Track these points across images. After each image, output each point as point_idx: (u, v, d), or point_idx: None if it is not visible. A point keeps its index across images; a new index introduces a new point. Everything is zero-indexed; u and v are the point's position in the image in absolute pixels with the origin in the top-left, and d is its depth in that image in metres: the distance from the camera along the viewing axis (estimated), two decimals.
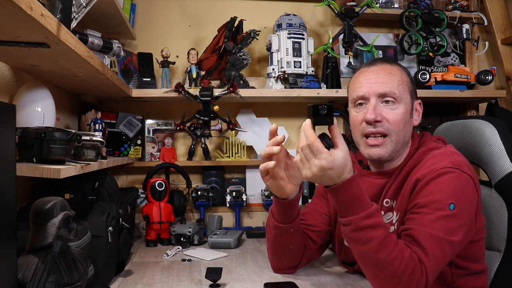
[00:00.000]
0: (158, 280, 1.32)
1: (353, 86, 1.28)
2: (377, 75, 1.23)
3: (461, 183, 1.11)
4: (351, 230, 1.03)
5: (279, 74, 2.12)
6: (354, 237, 1.04)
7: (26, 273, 0.90)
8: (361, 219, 1.01)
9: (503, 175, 1.31)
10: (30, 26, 0.89)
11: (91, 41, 1.44)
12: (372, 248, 1.01)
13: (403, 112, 1.22)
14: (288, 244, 1.31)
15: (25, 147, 1.09)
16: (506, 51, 2.32)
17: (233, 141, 2.18)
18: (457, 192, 1.09)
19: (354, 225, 1.02)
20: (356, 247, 1.05)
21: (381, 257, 1.01)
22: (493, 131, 1.35)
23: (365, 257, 1.04)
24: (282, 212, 1.26)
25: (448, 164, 1.12)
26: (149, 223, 1.79)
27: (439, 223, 1.06)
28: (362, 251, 1.04)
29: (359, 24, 2.24)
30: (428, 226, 1.06)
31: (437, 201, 1.08)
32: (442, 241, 1.04)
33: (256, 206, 2.23)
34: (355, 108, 1.26)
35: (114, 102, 2.17)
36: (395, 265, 1.00)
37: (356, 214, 1.02)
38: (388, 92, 1.21)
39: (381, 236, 1.01)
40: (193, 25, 2.29)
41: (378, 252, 1.01)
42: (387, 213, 1.24)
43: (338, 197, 1.04)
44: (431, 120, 2.26)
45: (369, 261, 1.04)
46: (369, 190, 1.28)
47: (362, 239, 1.02)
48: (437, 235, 1.04)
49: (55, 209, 0.94)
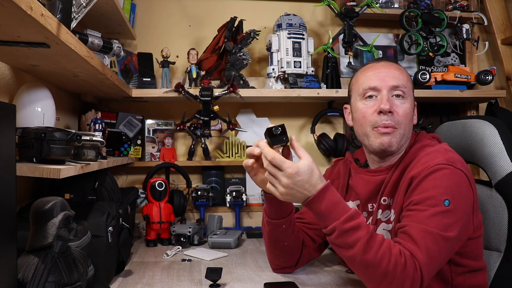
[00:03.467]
0: (158, 280, 1.32)
1: (363, 79, 1.29)
2: (388, 69, 1.27)
3: (455, 179, 1.11)
4: (336, 237, 1.04)
5: (279, 74, 2.12)
6: (340, 243, 1.05)
7: (26, 273, 0.90)
8: (342, 222, 1.03)
9: (503, 175, 1.31)
10: (30, 26, 0.89)
11: (91, 41, 1.44)
12: (359, 250, 1.02)
13: (410, 107, 1.26)
14: (283, 241, 1.31)
15: (25, 147, 1.09)
16: (506, 51, 2.32)
17: (233, 141, 2.18)
18: (452, 188, 1.09)
19: (338, 231, 1.03)
20: (344, 252, 1.06)
21: (369, 258, 1.01)
22: (493, 131, 1.35)
23: (354, 261, 1.05)
24: (272, 207, 1.27)
25: (442, 161, 1.12)
26: (149, 223, 1.79)
27: (433, 219, 1.06)
28: (351, 256, 1.04)
29: (359, 24, 2.24)
30: (423, 223, 1.06)
31: (431, 197, 1.08)
32: (437, 236, 1.05)
33: (256, 206, 2.23)
34: (363, 101, 1.27)
35: (114, 102, 2.17)
36: (384, 262, 1.01)
37: (337, 219, 1.03)
38: (400, 85, 1.24)
39: (365, 236, 1.02)
40: (193, 25, 2.29)
41: (366, 253, 1.01)
42: (385, 211, 1.24)
43: (317, 209, 1.06)
44: (431, 120, 2.26)
45: (359, 265, 1.04)
46: (366, 188, 1.30)
47: (347, 243, 1.03)
48: (431, 230, 1.05)
49: (55, 209, 0.94)
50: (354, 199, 1.35)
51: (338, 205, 1.05)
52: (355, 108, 1.30)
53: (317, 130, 2.26)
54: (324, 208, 1.05)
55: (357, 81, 1.31)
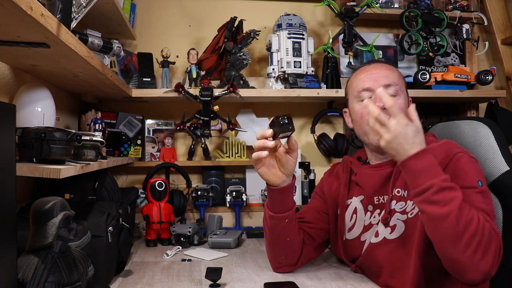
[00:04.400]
0: (158, 280, 1.32)
1: (356, 82, 1.36)
2: (379, 69, 1.34)
3: (475, 164, 1.21)
4: (433, 193, 1.05)
5: (279, 74, 2.12)
6: (436, 199, 1.05)
7: (26, 273, 0.90)
8: (442, 180, 1.06)
9: (497, 175, 1.33)
10: (30, 26, 0.89)
11: (91, 41, 1.44)
12: (454, 207, 1.03)
13: (404, 103, 1.32)
14: (285, 236, 1.32)
15: (25, 147, 1.09)
16: (506, 51, 2.32)
17: (233, 141, 2.18)
18: (479, 172, 1.20)
19: (437, 187, 1.05)
20: (438, 210, 1.04)
21: (463, 216, 1.03)
22: (487, 132, 1.38)
23: (447, 218, 1.03)
24: (275, 200, 1.29)
25: (459, 150, 1.21)
26: (149, 223, 1.79)
27: (479, 198, 1.13)
28: (446, 213, 1.03)
29: (359, 24, 2.24)
30: (474, 201, 1.11)
31: (467, 181, 1.15)
32: (489, 211, 1.12)
33: (256, 206, 2.23)
34: (359, 103, 1.33)
35: (114, 102, 2.17)
36: (475, 220, 1.04)
37: (437, 177, 1.06)
38: (391, 83, 1.31)
39: (460, 196, 1.05)
40: (193, 25, 2.29)
41: (461, 211, 1.03)
42: (399, 202, 1.26)
43: (417, 165, 1.07)
44: (431, 120, 2.26)
45: (452, 222, 1.03)
46: (372, 182, 1.32)
47: (444, 200, 1.04)
48: (484, 207, 1.11)
49: (55, 209, 0.94)
50: (358, 194, 1.36)
51: (437, 166, 1.08)
52: (352, 110, 1.36)
53: (317, 130, 2.26)
54: (426, 165, 1.07)
55: (352, 84, 1.38)
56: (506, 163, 1.32)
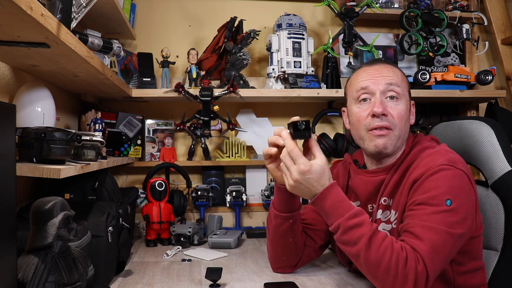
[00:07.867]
0: (158, 280, 1.32)
1: (355, 82, 1.30)
2: (380, 69, 1.28)
3: (456, 179, 1.12)
4: (341, 234, 1.07)
5: (279, 74, 2.12)
6: (344, 240, 1.07)
7: (26, 273, 0.90)
8: (346, 219, 1.06)
9: (499, 175, 1.32)
10: (30, 26, 0.89)
11: (91, 41, 1.44)
12: (362, 246, 1.04)
13: (405, 108, 1.26)
14: (288, 237, 1.31)
15: (25, 147, 1.09)
16: (506, 51, 2.32)
17: (233, 141, 2.18)
18: (453, 188, 1.10)
19: (342, 227, 1.06)
20: (349, 250, 1.08)
21: (372, 254, 1.03)
22: (489, 131, 1.36)
23: (359, 258, 1.06)
24: (282, 200, 1.28)
25: (443, 162, 1.13)
26: (149, 223, 1.79)
27: (436, 217, 1.07)
28: (355, 253, 1.06)
29: (359, 24, 2.24)
30: (426, 220, 1.07)
31: (434, 197, 1.09)
32: (440, 230, 1.05)
33: (256, 206, 2.23)
34: (357, 105, 1.28)
35: (114, 102, 2.17)
36: (386, 257, 1.02)
37: (342, 216, 1.07)
38: (393, 82, 1.25)
39: (368, 232, 1.04)
40: (193, 25, 2.30)
41: (369, 249, 1.03)
42: (385, 211, 1.25)
43: (323, 206, 1.10)
44: (431, 120, 2.26)
45: (363, 261, 1.05)
46: (365, 188, 1.31)
47: (352, 240, 1.05)
48: (434, 226, 1.06)
49: (55, 209, 0.94)
50: (354, 200, 1.35)
51: (342, 203, 1.08)
52: (350, 111, 1.32)
53: (317, 130, 2.26)
54: (329, 206, 1.08)
55: (351, 84, 1.33)
56: (508, 163, 1.31)
